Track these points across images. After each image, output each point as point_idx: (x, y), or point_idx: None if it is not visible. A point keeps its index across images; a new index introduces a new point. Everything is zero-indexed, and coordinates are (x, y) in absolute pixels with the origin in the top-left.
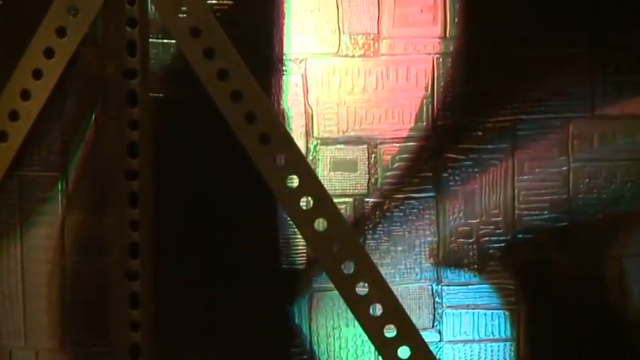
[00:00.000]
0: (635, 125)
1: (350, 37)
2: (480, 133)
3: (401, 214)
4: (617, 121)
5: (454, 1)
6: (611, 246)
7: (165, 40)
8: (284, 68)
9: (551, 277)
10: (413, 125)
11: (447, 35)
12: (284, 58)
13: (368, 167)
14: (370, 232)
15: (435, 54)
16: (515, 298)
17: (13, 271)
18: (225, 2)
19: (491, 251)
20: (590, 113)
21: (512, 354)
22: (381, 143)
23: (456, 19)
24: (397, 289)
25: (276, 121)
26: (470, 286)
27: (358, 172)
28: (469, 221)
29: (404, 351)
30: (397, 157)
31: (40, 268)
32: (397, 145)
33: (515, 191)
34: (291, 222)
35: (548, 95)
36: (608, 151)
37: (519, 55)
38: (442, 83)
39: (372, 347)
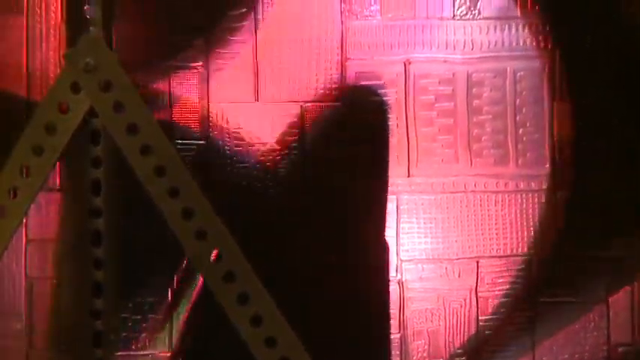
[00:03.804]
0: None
1: None
2: (445, 269)
3: None
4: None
5: (419, 141)
6: None
7: None
8: None
9: None
10: None
11: (410, 174)
12: None
13: None
14: None
15: (399, 193)
16: None
17: None
18: None
19: None
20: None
21: None
22: None
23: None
24: None
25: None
26: None
27: None
28: None
29: None
30: None
31: None
32: None
33: (480, 329)
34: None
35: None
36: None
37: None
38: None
39: None
